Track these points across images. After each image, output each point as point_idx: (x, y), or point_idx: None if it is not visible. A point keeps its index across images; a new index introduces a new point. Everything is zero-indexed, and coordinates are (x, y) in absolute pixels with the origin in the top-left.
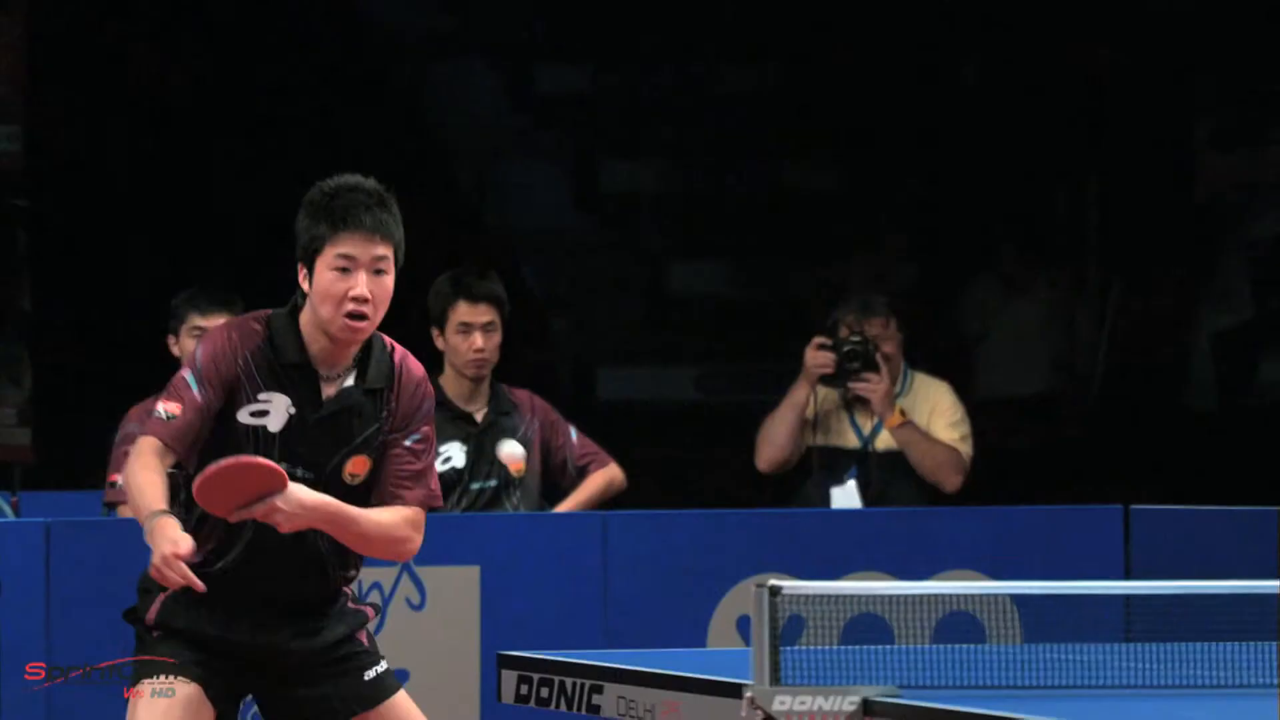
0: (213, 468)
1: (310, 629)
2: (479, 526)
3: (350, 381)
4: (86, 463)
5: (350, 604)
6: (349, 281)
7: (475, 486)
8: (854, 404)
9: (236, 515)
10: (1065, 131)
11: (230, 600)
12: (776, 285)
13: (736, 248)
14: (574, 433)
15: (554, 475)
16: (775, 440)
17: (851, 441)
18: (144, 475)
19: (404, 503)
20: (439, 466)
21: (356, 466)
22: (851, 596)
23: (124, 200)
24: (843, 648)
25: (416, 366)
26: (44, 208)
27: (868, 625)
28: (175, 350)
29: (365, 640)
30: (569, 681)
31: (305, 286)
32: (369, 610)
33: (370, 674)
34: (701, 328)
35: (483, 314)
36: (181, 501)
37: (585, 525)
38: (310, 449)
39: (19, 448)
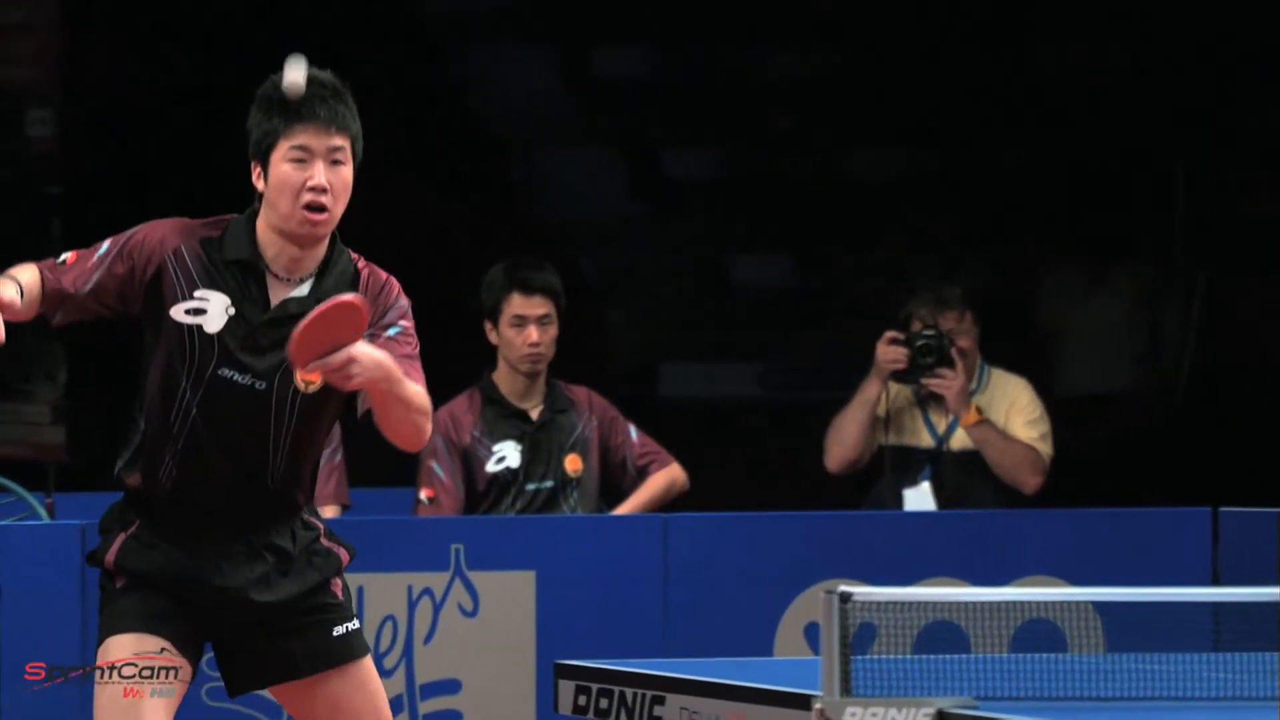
0: (314, 312)
1: (280, 568)
2: (534, 529)
3: (305, 291)
4: None
5: (323, 540)
6: (306, 172)
7: (531, 487)
8: (928, 401)
9: (314, 368)
10: (1148, 117)
11: (185, 531)
12: (845, 276)
13: (802, 237)
14: (633, 431)
15: (613, 475)
16: (845, 439)
17: (925, 440)
18: None
19: (410, 380)
20: (492, 467)
21: (310, 373)
22: (925, 603)
23: (162, 186)
24: (916, 657)
25: (385, 273)
26: (79, 194)
27: (942, 633)
28: None
29: (339, 592)
30: (629, 692)
31: (260, 185)
32: (343, 552)
33: (339, 630)
34: (766, 321)
35: (538, 306)
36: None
37: (645, 528)
38: (254, 354)
39: (52, 446)
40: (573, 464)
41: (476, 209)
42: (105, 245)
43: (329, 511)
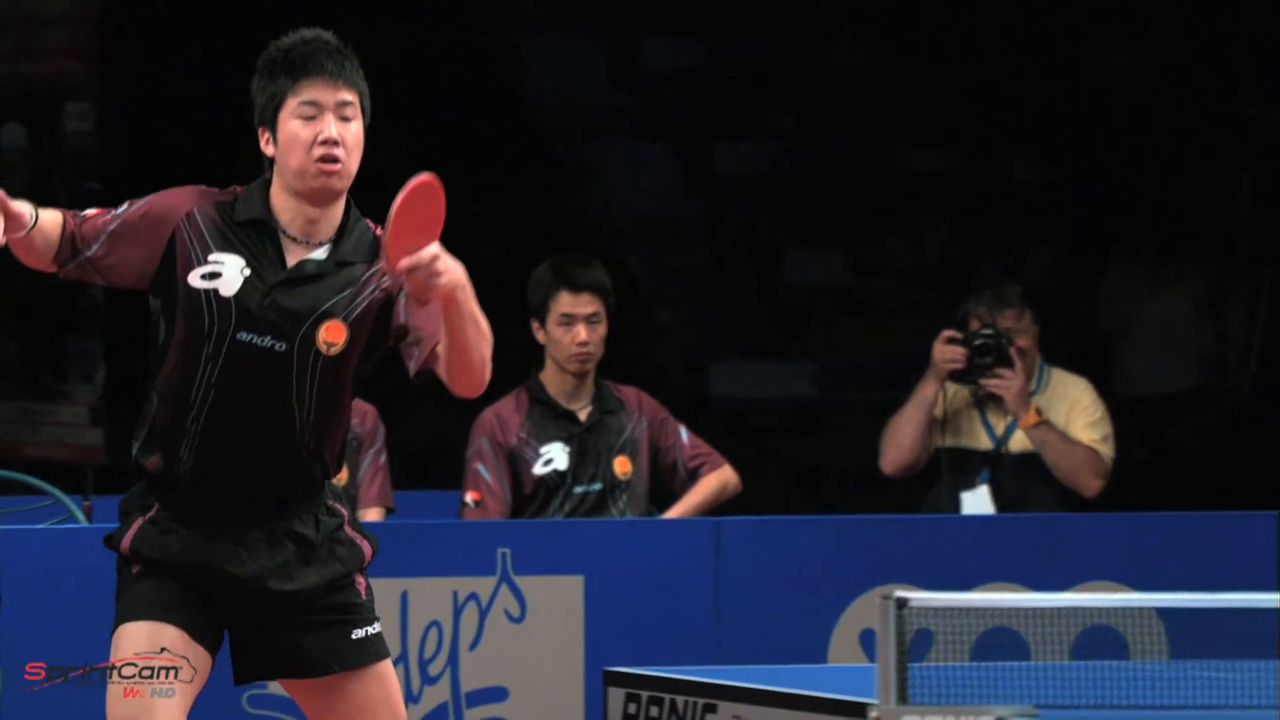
0: (403, 194)
1: (301, 556)
2: (583, 533)
3: (323, 254)
4: None
5: (348, 528)
6: (316, 126)
7: (579, 490)
8: (986, 402)
9: (406, 264)
10: (1212, 110)
11: (204, 515)
12: (902, 274)
13: (858, 233)
14: (684, 432)
15: (663, 478)
16: (901, 441)
17: (983, 442)
18: None
19: None
20: (540, 469)
21: (331, 333)
22: (984, 609)
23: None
24: (974, 664)
25: None
26: (117, 190)
27: (1001, 640)
28: None
29: (363, 591)
30: (680, 700)
31: (270, 151)
32: (366, 546)
33: (359, 633)
34: (820, 319)
35: (586, 305)
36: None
37: (697, 532)
38: (273, 314)
39: (91, 448)
40: (622, 466)
41: (524, 205)
42: (123, 207)
43: (372, 514)
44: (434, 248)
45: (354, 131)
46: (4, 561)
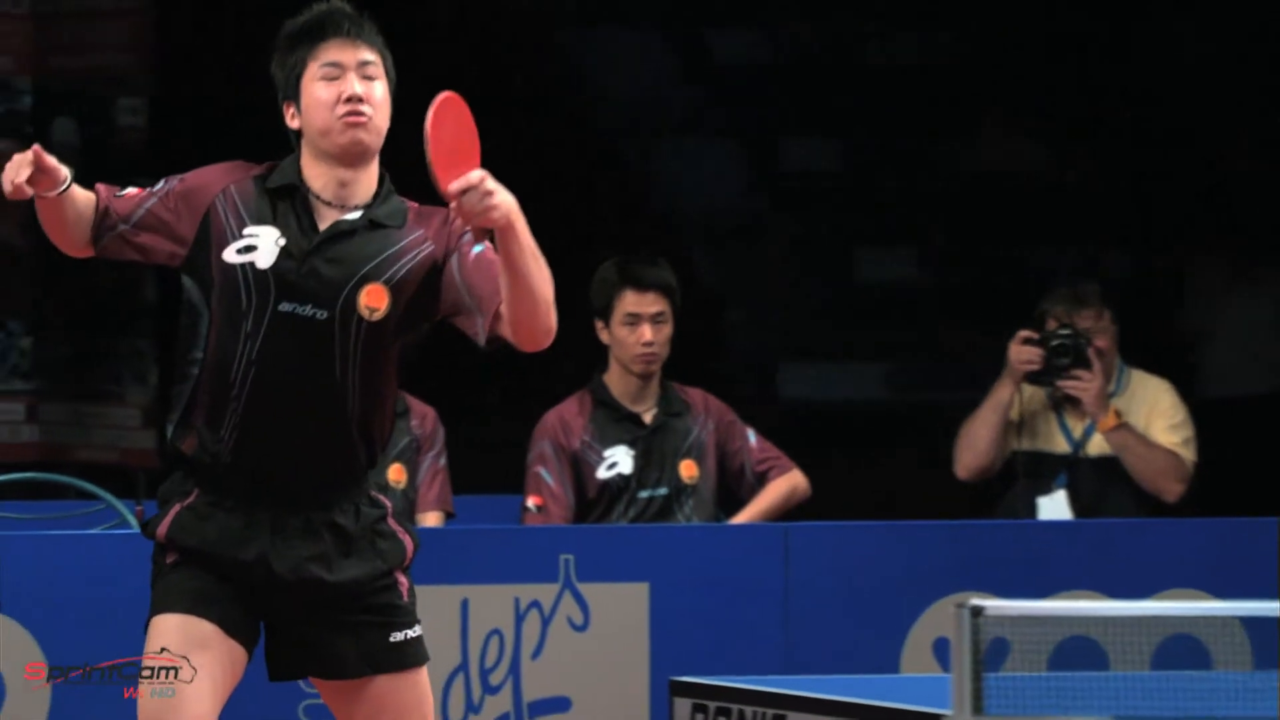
0: (432, 113)
1: (339, 548)
2: (648, 539)
3: (356, 215)
4: None
5: (390, 521)
6: (339, 85)
7: (644, 495)
8: (1063, 404)
9: (457, 186)
10: None
11: (242, 500)
12: (975, 273)
13: (930, 231)
14: (752, 435)
15: (730, 482)
16: (976, 444)
17: (1060, 446)
18: None
19: None
20: (604, 473)
21: (373, 298)
22: (1061, 618)
23: None
24: (1051, 674)
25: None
26: None
27: (1079, 649)
28: None
29: (405, 593)
30: (748, 710)
31: (296, 124)
32: (409, 541)
33: (398, 636)
34: (892, 319)
35: (652, 304)
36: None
37: (765, 537)
38: (313, 281)
39: (144, 451)
40: (688, 470)
41: (587, 203)
42: (159, 184)
43: (431, 519)
44: (482, 174)
45: (379, 91)
46: (56, 568)
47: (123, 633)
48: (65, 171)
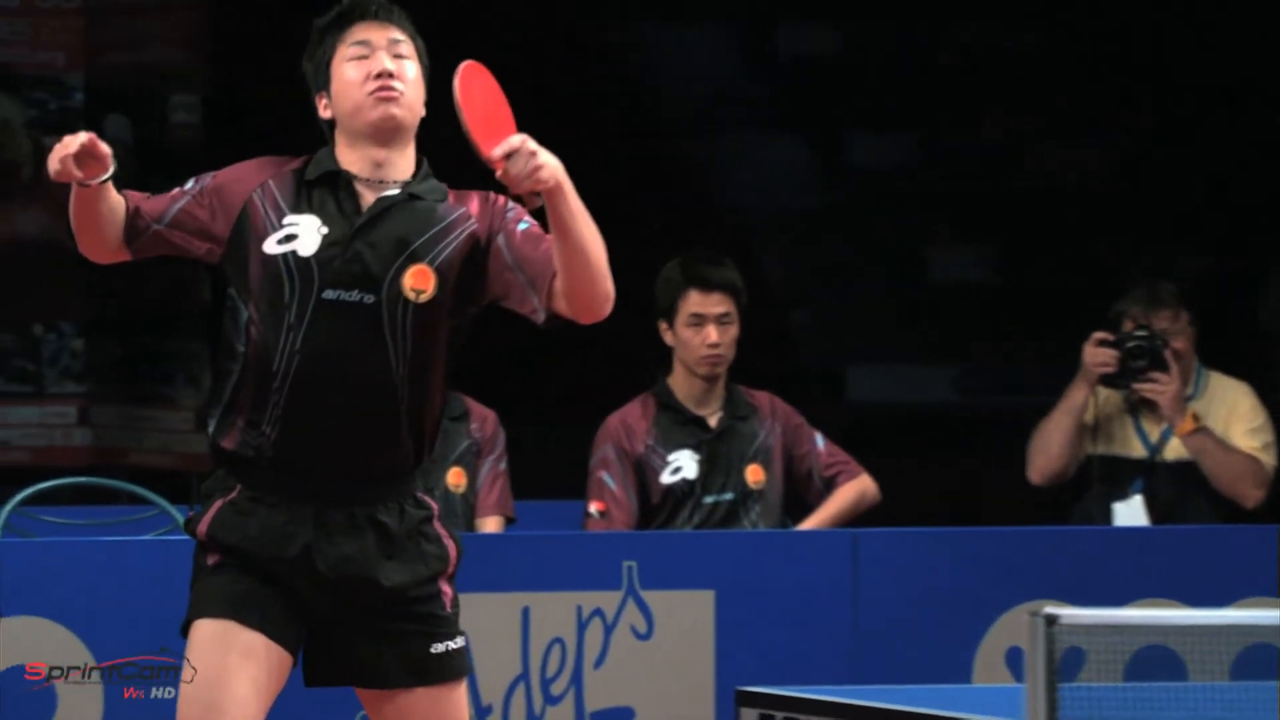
0: (459, 80)
1: (382, 549)
2: (713, 545)
3: (396, 190)
4: None
5: (436, 525)
6: (368, 64)
7: (709, 500)
8: (1140, 407)
9: (502, 148)
10: None
11: (285, 495)
12: (1049, 272)
13: (1003, 230)
14: (820, 440)
15: (797, 487)
16: (1050, 449)
17: (1137, 450)
18: None
19: None
20: (668, 478)
21: (419, 280)
22: (1138, 626)
23: None
24: (1128, 685)
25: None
26: None
27: (1156, 659)
28: None
29: (448, 603)
30: None
31: (328, 114)
32: (453, 547)
33: (439, 647)
34: (964, 321)
35: (717, 304)
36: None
37: (833, 544)
38: (357, 265)
39: (197, 455)
40: (754, 475)
41: (651, 199)
42: (190, 183)
43: (491, 524)
44: (524, 138)
45: (410, 70)
46: (108, 573)
47: (175, 639)
48: (112, 161)
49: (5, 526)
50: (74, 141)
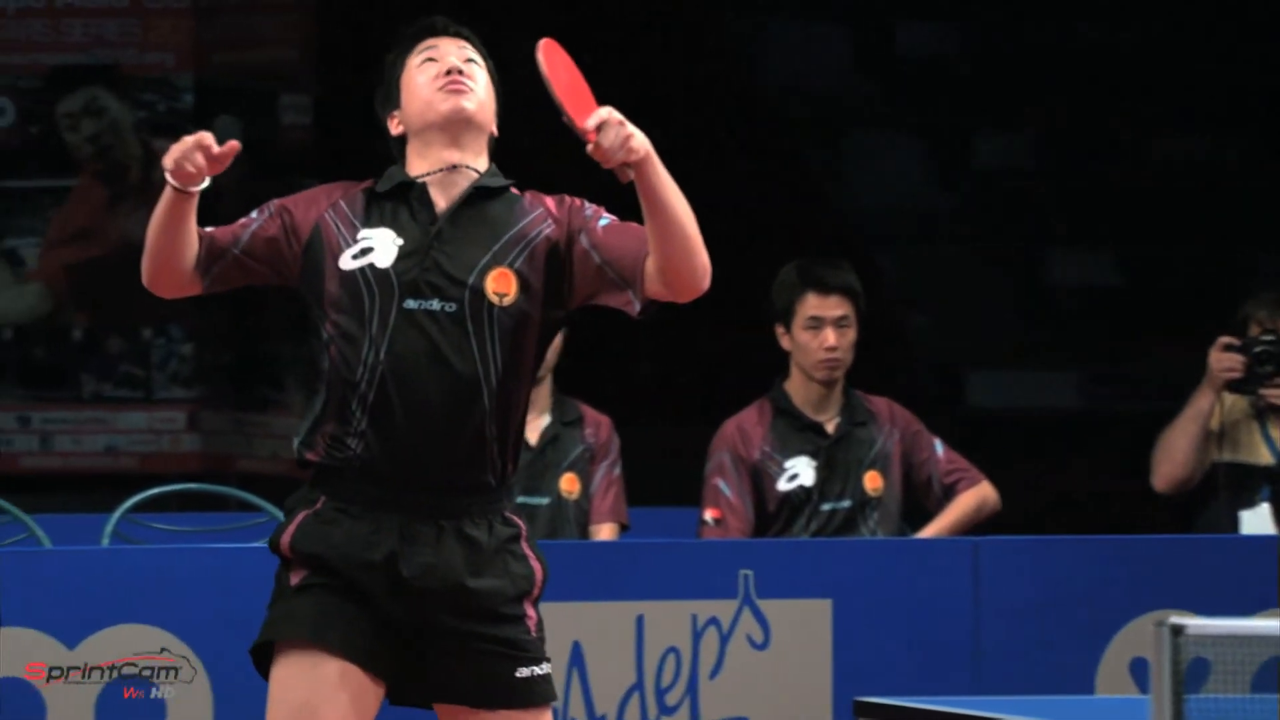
0: (542, 56)
1: (471, 561)
2: (831, 554)
3: (470, 192)
4: None
5: (524, 544)
6: (437, 65)
7: (826, 508)
8: (1267, 414)
9: (595, 119)
10: None
11: (370, 504)
12: (1173, 275)
13: (1126, 232)
14: (939, 446)
15: (917, 494)
16: (1175, 455)
17: (1264, 457)
18: None
19: None
20: (784, 485)
21: (500, 283)
22: (1266, 637)
23: None
24: (1256, 697)
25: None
26: None
27: None
28: None
29: (533, 628)
30: None
31: (399, 129)
32: (539, 569)
33: (524, 671)
34: (1086, 324)
35: (835, 307)
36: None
37: (953, 553)
38: (436, 274)
39: None
40: (872, 482)
41: (765, 203)
42: (255, 212)
43: (605, 531)
44: (610, 110)
45: (481, 77)
46: (217, 581)
47: None
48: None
49: (114, 533)
50: (197, 142)
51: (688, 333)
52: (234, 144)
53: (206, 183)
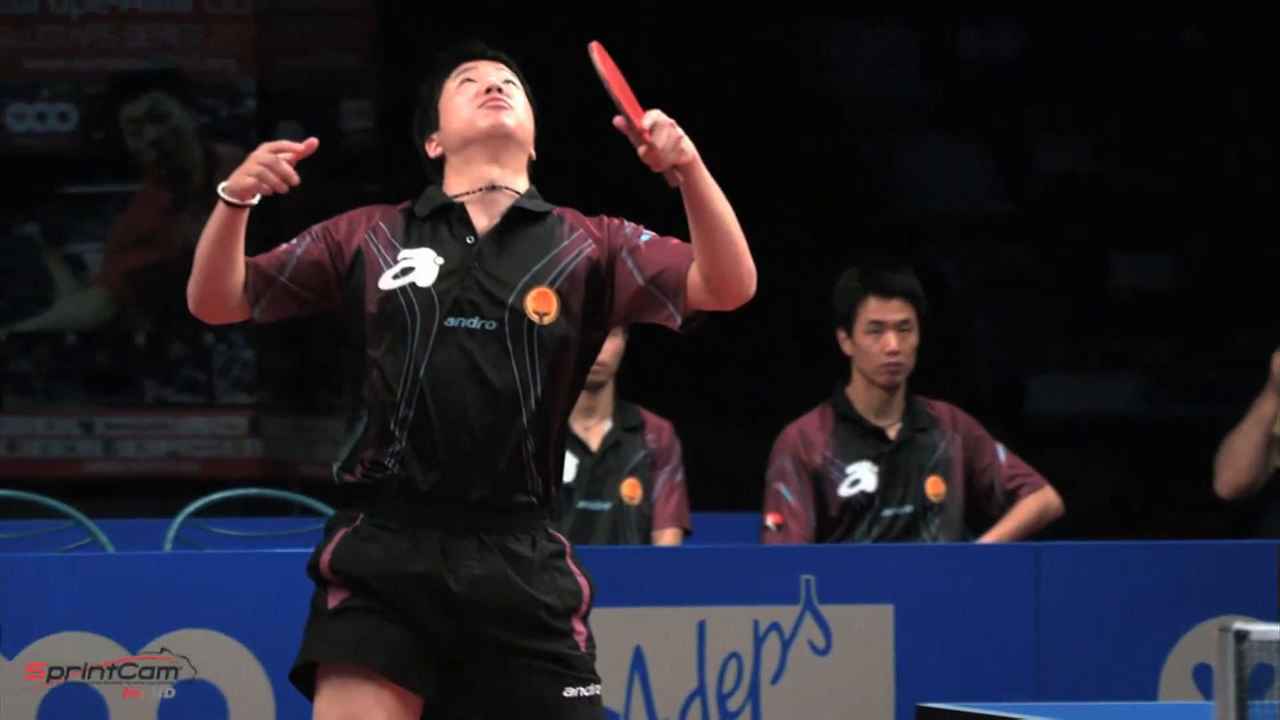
0: (595, 54)
1: (517, 570)
2: (892, 559)
3: (510, 211)
4: None
5: (569, 561)
6: (476, 85)
7: (888, 513)
8: None
9: (649, 119)
10: None
11: (408, 522)
12: (1235, 280)
13: (1188, 236)
14: (1001, 451)
15: (979, 500)
16: (1238, 460)
17: None
18: None
19: None
20: (846, 490)
21: (541, 303)
22: None
23: None
24: None
25: None
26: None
27: None
28: None
29: (582, 644)
30: None
31: (436, 151)
32: (585, 585)
33: (572, 692)
34: (1149, 329)
35: (897, 311)
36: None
37: (1015, 558)
38: (477, 292)
39: None
40: (934, 487)
41: (827, 207)
42: (297, 239)
43: (667, 537)
44: (658, 113)
45: (520, 98)
46: (279, 586)
47: None
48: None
49: (176, 539)
50: (284, 142)
51: (750, 339)
52: (313, 141)
53: (257, 198)
